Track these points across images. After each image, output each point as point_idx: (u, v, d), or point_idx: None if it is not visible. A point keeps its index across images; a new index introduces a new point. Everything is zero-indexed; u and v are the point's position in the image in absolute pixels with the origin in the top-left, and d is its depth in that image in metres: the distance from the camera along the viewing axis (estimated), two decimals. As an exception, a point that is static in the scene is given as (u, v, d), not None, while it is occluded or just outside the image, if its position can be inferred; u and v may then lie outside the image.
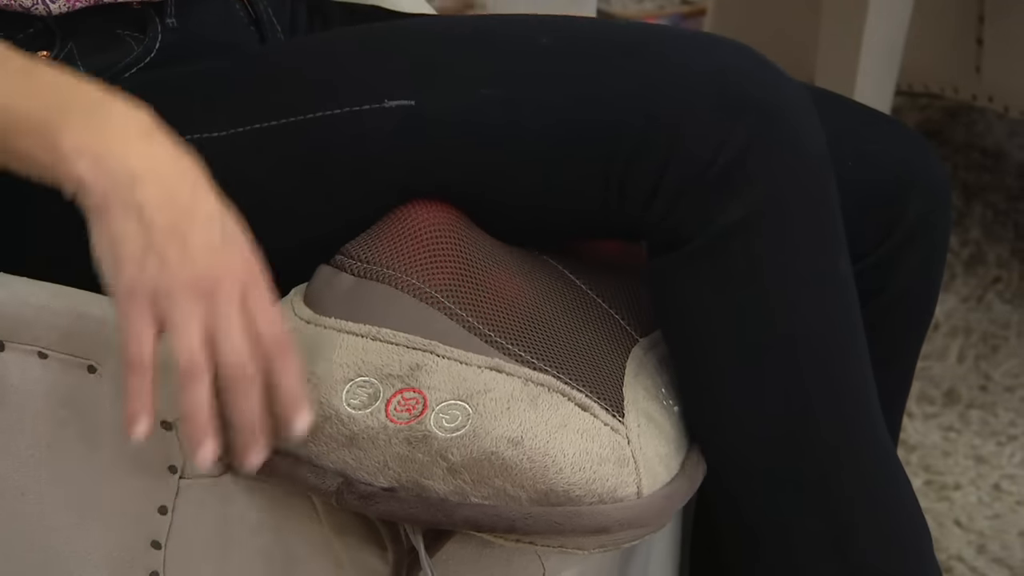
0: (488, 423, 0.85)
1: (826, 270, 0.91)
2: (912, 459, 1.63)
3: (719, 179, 0.87)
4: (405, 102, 0.91)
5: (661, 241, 0.90)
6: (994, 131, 2.26)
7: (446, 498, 0.85)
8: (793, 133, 0.89)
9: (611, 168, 0.89)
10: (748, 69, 0.90)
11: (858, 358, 0.93)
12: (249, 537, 0.95)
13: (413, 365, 0.87)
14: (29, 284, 0.95)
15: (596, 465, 0.85)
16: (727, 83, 0.88)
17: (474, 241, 0.93)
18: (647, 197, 0.88)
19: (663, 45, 0.91)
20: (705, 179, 0.87)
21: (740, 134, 0.87)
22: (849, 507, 0.94)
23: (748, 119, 0.87)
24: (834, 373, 0.92)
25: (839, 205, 0.92)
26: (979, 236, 2.03)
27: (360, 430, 0.86)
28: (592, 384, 0.87)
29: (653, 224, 0.89)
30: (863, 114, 1.09)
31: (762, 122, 0.88)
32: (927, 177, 1.06)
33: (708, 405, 0.92)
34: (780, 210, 0.88)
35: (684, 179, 0.87)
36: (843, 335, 0.92)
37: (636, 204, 0.89)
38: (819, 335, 0.91)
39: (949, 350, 1.82)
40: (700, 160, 0.87)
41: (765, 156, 0.87)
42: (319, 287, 0.92)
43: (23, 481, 0.98)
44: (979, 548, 1.51)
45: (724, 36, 0.94)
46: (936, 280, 1.10)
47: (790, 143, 0.88)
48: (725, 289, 0.89)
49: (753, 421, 0.92)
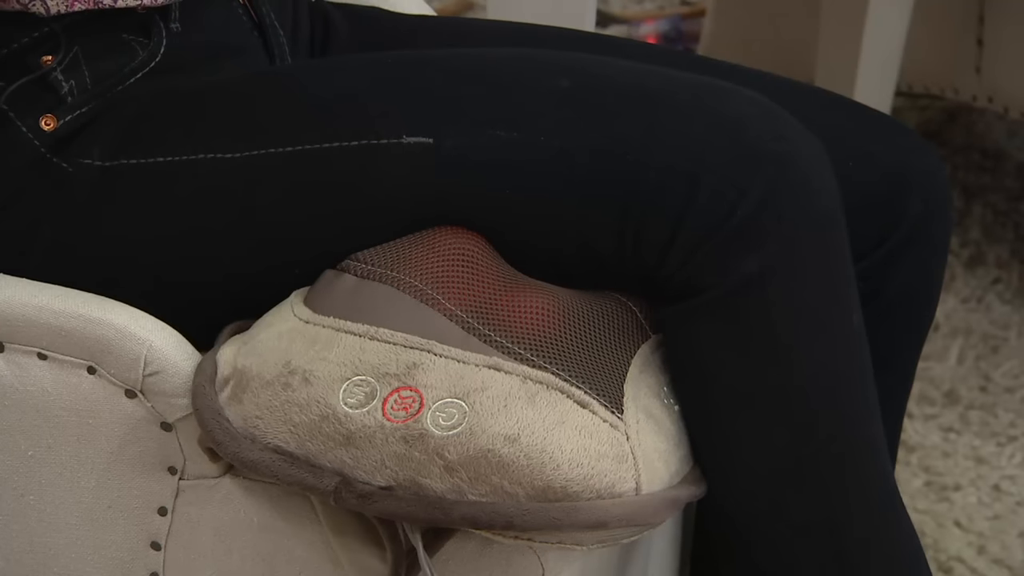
0: (485, 421, 0.85)
1: (840, 323, 0.91)
2: (912, 460, 1.63)
3: (736, 232, 0.86)
4: (423, 139, 0.91)
5: (675, 291, 0.89)
6: (994, 132, 2.26)
7: (443, 496, 0.85)
8: (809, 185, 0.88)
9: (626, 218, 0.88)
10: (764, 120, 0.89)
11: (868, 409, 0.93)
12: (248, 538, 0.95)
13: (410, 364, 0.87)
14: (29, 285, 0.95)
15: (594, 461, 0.85)
16: (744, 134, 0.88)
17: (490, 255, 0.93)
18: (663, 248, 0.88)
19: (680, 94, 0.91)
20: (722, 232, 0.86)
21: (757, 187, 0.86)
22: (853, 551, 0.94)
23: (765, 171, 0.87)
24: (847, 425, 0.92)
25: (851, 261, 0.91)
26: (979, 237, 2.03)
27: (357, 429, 0.86)
28: (592, 381, 0.87)
29: (668, 275, 0.89)
30: (863, 114, 1.09)
31: (779, 174, 0.87)
32: (927, 177, 1.06)
33: (720, 452, 0.92)
34: (795, 262, 0.88)
35: (700, 231, 0.87)
36: (854, 387, 0.92)
37: (652, 255, 0.89)
38: (832, 388, 0.91)
39: (949, 351, 1.82)
40: (717, 213, 0.86)
41: (781, 209, 0.87)
42: (320, 289, 0.93)
43: (23, 482, 0.98)
44: (979, 549, 1.51)
45: (738, 87, 0.93)
46: (936, 281, 1.10)
47: (805, 196, 0.88)
48: (739, 340, 0.89)
49: (762, 471, 0.92)
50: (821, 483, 0.92)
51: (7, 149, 0.96)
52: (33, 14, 0.95)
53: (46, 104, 0.96)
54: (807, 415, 0.91)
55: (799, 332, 0.89)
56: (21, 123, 0.96)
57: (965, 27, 1.94)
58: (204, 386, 0.91)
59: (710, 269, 0.87)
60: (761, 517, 0.94)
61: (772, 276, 0.87)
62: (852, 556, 0.94)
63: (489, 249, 0.93)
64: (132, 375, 0.93)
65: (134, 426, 0.94)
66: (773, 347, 0.89)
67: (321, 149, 0.93)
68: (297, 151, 0.93)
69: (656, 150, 0.88)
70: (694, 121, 0.89)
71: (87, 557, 0.99)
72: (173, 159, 0.95)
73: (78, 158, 0.96)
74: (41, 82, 0.96)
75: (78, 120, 0.96)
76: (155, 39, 1.00)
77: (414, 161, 0.91)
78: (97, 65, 0.97)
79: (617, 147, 0.89)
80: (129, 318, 0.93)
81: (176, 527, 0.97)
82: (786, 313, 0.89)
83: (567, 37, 1.14)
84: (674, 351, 0.92)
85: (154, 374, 0.92)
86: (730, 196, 0.86)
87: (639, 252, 0.89)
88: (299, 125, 0.94)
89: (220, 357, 0.92)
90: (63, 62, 0.96)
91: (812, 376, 0.90)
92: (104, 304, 0.94)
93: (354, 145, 0.92)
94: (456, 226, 0.93)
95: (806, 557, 0.94)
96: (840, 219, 0.90)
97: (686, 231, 0.87)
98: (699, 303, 0.88)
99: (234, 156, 0.94)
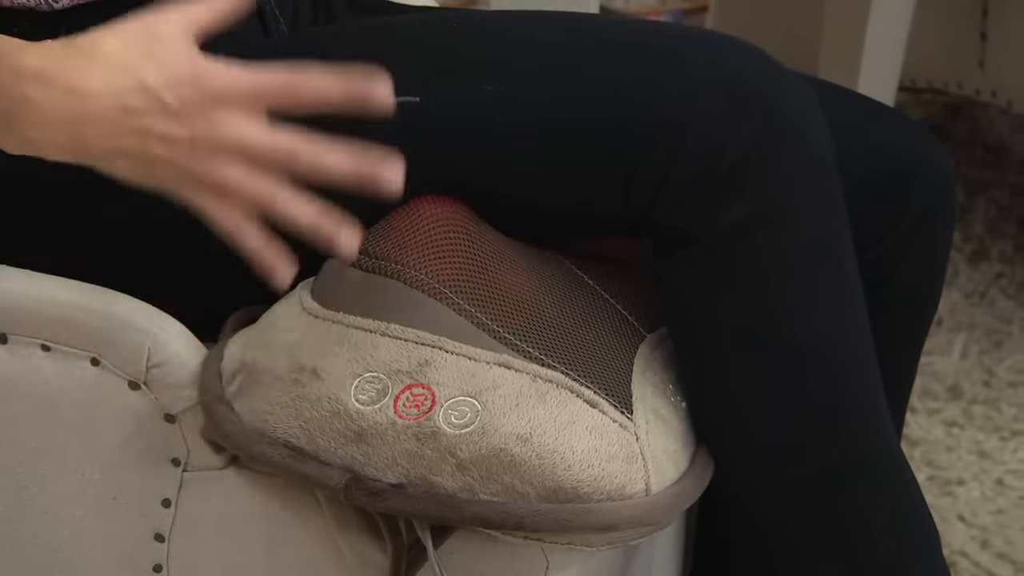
0: (497, 420, 0.84)
1: (832, 272, 0.91)
2: (915, 454, 1.63)
3: (724, 178, 0.87)
4: (410, 99, 0.91)
5: (666, 239, 0.90)
6: (997, 127, 2.26)
7: (454, 495, 0.85)
8: (800, 134, 0.88)
9: (616, 165, 0.89)
10: (756, 68, 0.89)
11: (865, 360, 0.93)
12: (252, 529, 0.95)
13: (422, 361, 0.87)
14: (32, 276, 0.95)
15: (605, 462, 0.84)
16: (734, 82, 0.88)
17: (482, 237, 0.93)
18: (652, 194, 0.88)
19: (669, 43, 0.91)
20: (710, 178, 0.87)
21: (747, 134, 0.87)
22: (856, 508, 0.93)
23: (755, 119, 0.87)
24: (841, 374, 0.92)
25: (846, 210, 0.91)
26: (982, 232, 2.03)
27: (368, 426, 0.86)
28: (600, 381, 0.87)
29: (658, 221, 0.89)
30: (868, 106, 1.09)
31: (769, 122, 0.87)
32: (932, 169, 1.06)
33: (715, 404, 0.92)
34: (785, 210, 0.88)
35: (690, 177, 0.87)
36: (850, 337, 0.92)
37: (642, 201, 0.89)
38: (825, 336, 0.91)
39: (952, 346, 1.82)
40: (706, 159, 0.87)
41: (771, 156, 0.87)
42: (327, 281, 0.92)
43: (26, 474, 0.98)
44: (983, 543, 1.51)
45: (732, 35, 0.93)
46: (940, 272, 1.10)
47: (796, 144, 0.88)
48: (730, 288, 0.89)
49: (759, 420, 0.92)
50: (815, 436, 0.92)
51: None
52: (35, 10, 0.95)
53: None
54: (799, 364, 0.90)
55: (788, 280, 0.89)
56: None
57: (968, 21, 1.94)
58: (212, 380, 0.91)
59: (700, 215, 0.87)
60: (757, 472, 0.93)
61: (761, 222, 0.87)
62: (852, 510, 0.94)
63: (474, 217, 0.93)
64: (136, 366, 0.92)
65: (138, 418, 0.94)
66: (763, 295, 0.89)
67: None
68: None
69: (646, 99, 0.88)
70: (684, 69, 0.89)
71: (91, 549, 0.99)
72: None
73: None
74: None
75: None
76: None
77: (403, 120, 0.91)
78: None
79: (607, 96, 0.89)
80: (133, 309, 0.93)
81: (180, 519, 0.96)
82: (775, 261, 0.88)
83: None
84: (669, 304, 0.92)
85: (158, 365, 0.92)
86: (718, 143, 0.86)
87: (629, 200, 0.89)
88: None
89: (227, 350, 0.92)
90: None
91: (803, 324, 0.90)
92: (107, 295, 0.94)
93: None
94: (439, 195, 0.93)
95: (804, 512, 0.94)
96: (832, 167, 0.90)
97: (675, 178, 0.87)
98: (691, 252, 0.88)
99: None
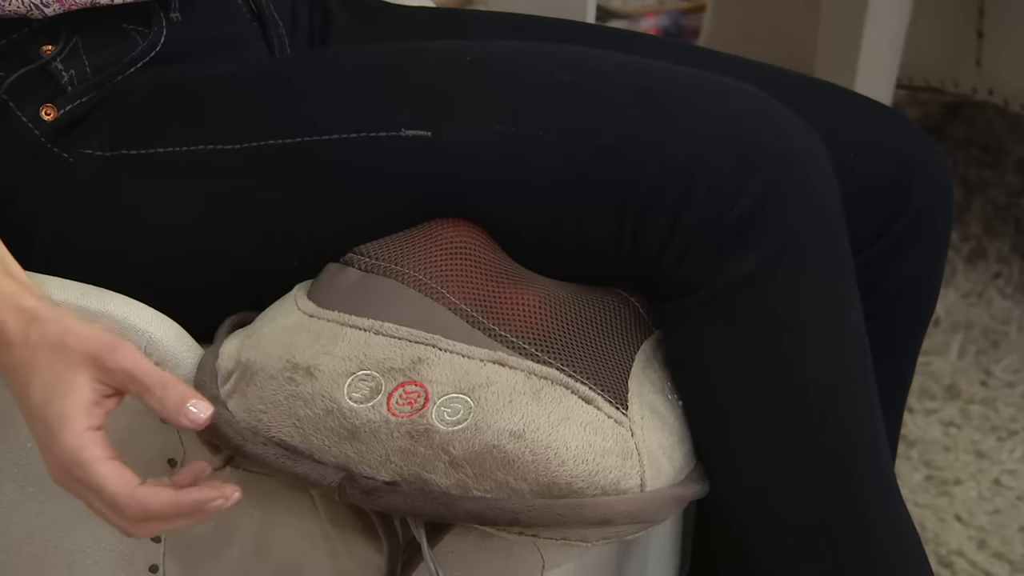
0: (490, 416, 0.84)
1: (838, 322, 0.90)
2: (912, 454, 1.63)
3: (733, 229, 0.86)
4: (421, 132, 0.91)
5: (674, 287, 0.89)
6: (994, 127, 2.26)
7: (448, 492, 0.85)
8: (808, 183, 0.88)
9: (624, 214, 0.88)
10: (764, 117, 0.89)
11: (870, 409, 0.93)
12: (247, 529, 0.95)
13: (415, 359, 0.87)
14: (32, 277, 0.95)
15: (599, 457, 0.84)
16: (743, 132, 0.88)
17: (492, 251, 0.93)
18: (660, 245, 0.88)
19: (680, 90, 0.91)
20: (719, 229, 0.86)
21: (755, 184, 0.86)
22: (857, 556, 0.94)
23: (763, 169, 0.86)
24: (847, 424, 0.92)
25: (851, 258, 0.91)
26: (979, 231, 2.03)
27: (362, 424, 0.86)
28: (597, 376, 0.87)
29: (666, 271, 0.88)
30: (865, 105, 1.09)
31: (777, 172, 0.87)
32: (929, 168, 1.06)
33: (719, 450, 0.92)
34: (793, 261, 0.87)
35: (698, 228, 0.86)
36: (856, 386, 0.92)
37: (649, 251, 0.88)
38: (832, 387, 0.91)
39: (950, 345, 1.81)
40: (714, 210, 0.86)
41: (779, 207, 0.87)
42: (324, 282, 0.92)
43: (22, 474, 0.98)
44: (979, 543, 1.51)
45: (739, 82, 0.92)
46: (938, 272, 1.10)
47: (804, 194, 0.87)
48: (736, 337, 0.89)
49: (760, 466, 0.92)
50: (821, 485, 0.92)
51: (8, 139, 0.96)
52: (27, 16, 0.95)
53: (46, 94, 0.96)
54: (805, 415, 0.90)
55: (796, 331, 0.89)
56: (21, 113, 0.96)
57: (965, 19, 1.94)
58: (207, 379, 0.91)
59: (707, 266, 0.87)
60: (760, 517, 0.94)
61: (769, 274, 0.87)
62: (851, 558, 0.94)
63: (488, 241, 0.93)
64: (132, 367, 0.92)
65: (133, 418, 0.93)
66: (770, 346, 0.89)
67: (320, 141, 0.93)
68: (297, 143, 0.93)
69: (654, 147, 0.88)
70: (693, 118, 0.89)
71: (87, 549, 0.99)
72: (174, 150, 0.95)
73: (79, 148, 0.95)
74: (41, 72, 0.96)
75: (78, 110, 0.96)
76: (155, 29, 0.99)
77: (413, 154, 0.91)
78: (97, 55, 0.97)
79: (616, 143, 0.89)
80: (129, 310, 0.93)
81: (176, 519, 0.96)
82: (783, 312, 0.88)
83: (569, 29, 1.14)
84: (673, 348, 0.92)
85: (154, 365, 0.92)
86: (727, 194, 0.86)
87: (637, 248, 0.89)
88: (299, 116, 0.94)
89: (223, 350, 0.92)
90: (63, 52, 0.96)
91: (810, 375, 0.90)
92: (103, 295, 0.94)
93: (353, 137, 0.92)
94: (456, 219, 0.93)
95: (804, 558, 0.94)
96: (840, 217, 0.90)
97: (683, 228, 0.87)
98: (696, 300, 0.88)
99: (234, 147, 0.94)
